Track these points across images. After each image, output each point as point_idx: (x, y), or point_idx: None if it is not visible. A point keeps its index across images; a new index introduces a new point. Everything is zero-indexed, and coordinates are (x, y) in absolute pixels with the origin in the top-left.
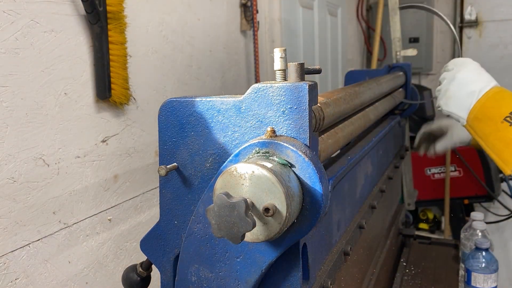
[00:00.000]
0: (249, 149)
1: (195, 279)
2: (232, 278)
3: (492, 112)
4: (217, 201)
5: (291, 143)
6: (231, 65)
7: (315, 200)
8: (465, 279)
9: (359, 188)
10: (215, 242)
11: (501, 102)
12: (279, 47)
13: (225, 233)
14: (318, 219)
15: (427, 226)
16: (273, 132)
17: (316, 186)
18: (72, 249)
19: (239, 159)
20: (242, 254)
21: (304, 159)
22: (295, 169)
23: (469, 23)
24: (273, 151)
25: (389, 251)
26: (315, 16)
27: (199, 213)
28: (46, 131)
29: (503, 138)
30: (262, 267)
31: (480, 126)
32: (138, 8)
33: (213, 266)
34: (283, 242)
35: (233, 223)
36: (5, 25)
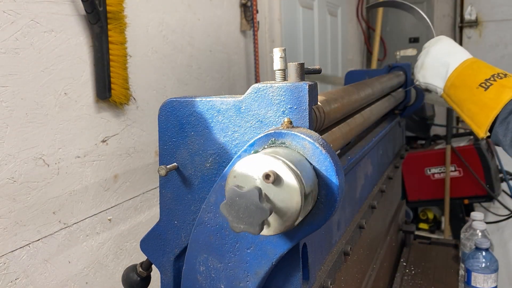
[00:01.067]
0: (264, 139)
1: (203, 269)
2: (241, 269)
3: (468, 79)
4: (229, 195)
5: (309, 134)
6: (231, 65)
7: (331, 193)
8: (465, 279)
9: (359, 188)
10: (226, 233)
11: (477, 71)
12: (279, 47)
13: (244, 225)
14: (333, 212)
15: (427, 226)
16: (290, 123)
17: (333, 179)
18: (72, 249)
19: (253, 149)
20: (253, 246)
21: (322, 152)
22: (311, 161)
23: (469, 23)
24: (290, 142)
25: (389, 250)
26: (315, 16)
27: (210, 202)
28: (46, 131)
29: (477, 102)
30: (272, 259)
31: (457, 93)
32: (138, 8)
33: (223, 257)
34: (296, 234)
35: (250, 214)
36: (5, 25)
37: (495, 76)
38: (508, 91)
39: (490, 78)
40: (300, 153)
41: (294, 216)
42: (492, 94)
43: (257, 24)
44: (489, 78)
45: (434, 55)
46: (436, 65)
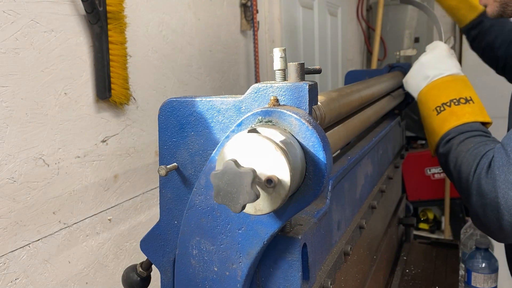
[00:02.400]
0: (251, 118)
1: (196, 252)
2: (233, 250)
3: (430, 100)
4: (225, 167)
5: (294, 111)
6: (231, 65)
7: (318, 169)
8: (465, 279)
9: (359, 188)
10: (217, 214)
11: (443, 91)
12: (279, 47)
13: (226, 199)
14: (321, 188)
15: (427, 226)
16: (276, 101)
17: (320, 155)
18: (72, 249)
19: (241, 129)
20: (244, 226)
21: (308, 127)
22: (298, 138)
23: None
24: (276, 119)
25: (389, 247)
26: (315, 16)
27: (200, 185)
28: (46, 131)
29: (430, 124)
30: (264, 238)
31: (421, 109)
32: (138, 8)
33: (215, 239)
34: (286, 212)
35: (237, 193)
36: (5, 25)
37: (452, 102)
38: (453, 119)
39: (447, 103)
40: (287, 130)
41: (283, 194)
42: (439, 121)
43: (257, 24)
44: (446, 102)
45: (420, 65)
46: (418, 77)
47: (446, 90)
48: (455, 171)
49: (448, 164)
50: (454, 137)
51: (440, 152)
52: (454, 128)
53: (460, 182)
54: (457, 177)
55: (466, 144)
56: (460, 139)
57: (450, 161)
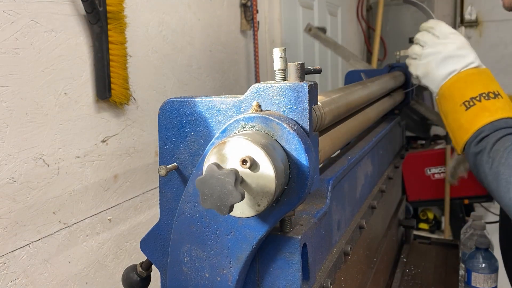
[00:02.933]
0: (235, 124)
1: (187, 259)
2: (223, 256)
3: (456, 94)
4: (208, 171)
5: (276, 116)
6: (231, 65)
7: (302, 172)
8: (465, 279)
9: (359, 188)
10: (206, 221)
11: (469, 86)
12: (279, 47)
13: (213, 204)
14: (305, 191)
15: (427, 226)
16: (258, 107)
17: (302, 158)
18: (72, 249)
19: (226, 135)
20: (233, 231)
21: (289, 131)
22: (281, 142)
23: (469, 23)
24: (259, 124)
25: (389, 248)
26: (315, 16)
27: (188, 192)
28: (46, 131)
29: (457, 120)
30: (252, 243)
31: (444, 104)
32: (138, 8)
33: (205, 245)
34: (272, 215)
35: (222, 194)
36: (5, 25)
37: (482, 96)
38: (486, 115)
39: (476, 97)
40: (270, 134)
41: (269, 197)
42: (469, 117)
43: (257, 24)
44: (476, 97)
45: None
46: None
47: (473, 83)
48: (491, 172)
49: (482, 165)
50: (489, 134)
51: (471, 151)
52: (488, 125)
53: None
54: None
55: (504, 141)
56: (496, 136)
57: (485, 161)
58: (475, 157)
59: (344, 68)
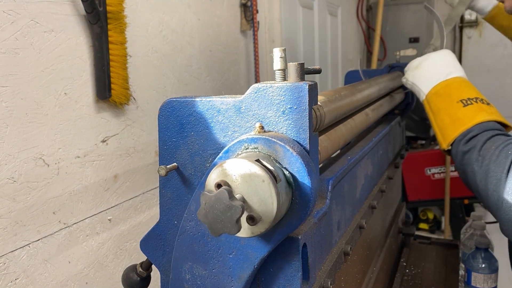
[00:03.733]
0: (238, 145)
1: (189, 277)
2: (225, 275)
3: (452, 92)
4: (202, 201)
5: (279, 138)
6: (231, 65)
7: (304, 194)
8: (465, 279)
9: (359, 188)
10: (208, 240)
11: (465, 89)
12: (279, 47)
13: (222, 227)
14: (308, 212)
15: (427, 226)
16: (261, 128)
17: (305, 181)
18: (72, 249)
19: (229, 156)
20: (235, 250)
21: (292, 154)
22: (284, 164)
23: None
24: (262, 146)
25: (389, 251)
26: (315, 16)
27: (191, 210)
28: (46, 131)
29: (452, 115)
30: (254, 262)
31: (437, 101)
32: (138, 8)
33: (207, 263)
34: (274, 236)
35: (224, 215)
36: (5, 25)
37: (478, 99)
38: (484, 114)
39: (473, 99)
40: (272, 156)
41: (270, 218)
42: (468, 112)
43: (257, 24)
44: (472, 98)
45: (433, 61)
46: (431, 71)
47: (469, 88)
48: (481, 170)
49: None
50: (478, 134)
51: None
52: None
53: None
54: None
55: (495, 140)
56: (486, 135)
57: (475, 159)
58: (463, 156)
59: (344, 68)
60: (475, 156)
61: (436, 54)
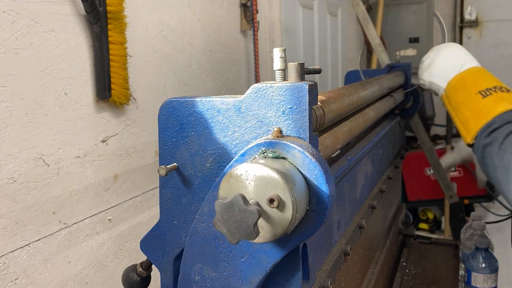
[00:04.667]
0: (255, 149)
1: (199, 279)
2: (236, 278)
3: (470, 85)
4: (217, 209)
5: (298, 143)
6: (231, 65)
7: (322, 201)
8: (465, 279)
9: (359, 188)
10: (219, 242)
11: (482, 79)
12: (279, 47)
13: (239, 234)
14: (324, 220)
15: (427, 226)
16: (279, 132)
17: (323, 187)
18: (72, 249)
19: (245, 159)
20: (247, 254)
21: (311, 160)
22: (302, 170)
23: (469, 23)
24: (280, 151)
25: (389, 251)
26: (315, 16)
27: (203, 212)
28: (46, 131)
29: (472, 108)
30: (266, 267)
31: (455, 95)
32: (138, 8)
33: (217, 266)
34: (289, 242)
35: (240, 221)
36: (5, 25)
37: (497, 88)
38: (505, 103)
39: (492, 88)
40: (291, 162)
41: (286, 225)
42: (488, 103)
43: (257, 24)
44: (491, 88)
45: (445, 56)
46: (445, 66)
47: (485, 77)
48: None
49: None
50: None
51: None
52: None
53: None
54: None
55: None
56: (509, 129)
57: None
58: (484, 149)
59: (344, 68)
60: (496, 149)
61: (446, 49)
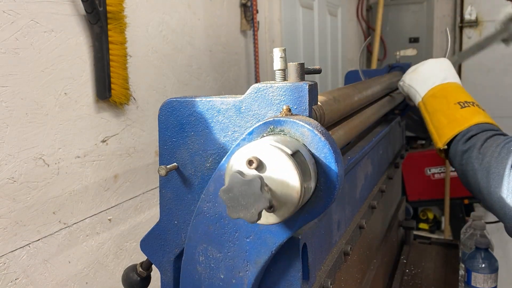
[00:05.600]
0: (263, 127)
1: (203, 259)
2: (240, 259)
3: (450, 95)
4: (231, 180)
5: (307, 122)
6: (231, 65)
7: (330, 180)
8: (465, 279)
9: (359, 188)
10: (225, 222)
11: (460, 92)
12: (279, 47)
13: (241, 213)
14: (332, 200)
15: (427, 226)
16: (289, 111)
17: (332, 166)
18: (72, 249)
19: (253, 137)
20: (252, 234)
21: (321, 139)
22: (310, 148)
23: (469, 23)
24: (288, 129)
25: (389, 249)
26: (315, 16)
27: (209, 191)
28: (46, 131)
29: (449, 116)
30: (272, 248)
31: (434, 102)
32: (138, 8)
33: (222, 246)
34: (296, 223)
35: (249, 201)
36: (5, 25)
37: (475, 104)
38: (481, 117)
39: (470, 102)
40: (299, 140)
41: (293, 204)
42: (465, 113)
43: (257, 24)
44: (469, 102)
45: (430, 66)
46: (427, 74)
47: (464, 93)
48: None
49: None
50: (477, 133)
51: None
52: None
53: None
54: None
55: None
56: (486, 135)
57: (475, 157)
58: (463, 155)
59: (344, 68)
60: (475, 154)
61: (434, 60)
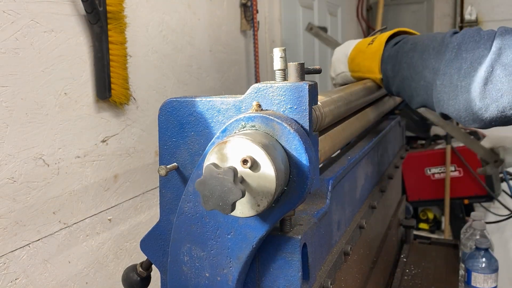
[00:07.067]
0: (235, 124)
1: (188, 259)
2: (223, 256)
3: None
4: (206, 172)
5: (277, 116)
6: (231, 65)
7: (302, 172)
8: (465, 279)
9: (359, 188)
10: (206, 220)
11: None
12: (279, 47)
13: (215, 204)
14: (306, 191)
15: (427, 226)
16: (258, 107)
17: (302, 158)
18: (72, 249)
19: (226, 134)
20: (233, 230)
21: (290, 131)
22: (281, 141)
23: (469, 23)
24: (259, 124)
25: (389, 248)
26: (315, 16)
27: (188, 191)
28: (46, 131)
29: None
30: (252, 242)
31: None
32: (138, 8)
33: (205, 245)
34: (272, 215)
35: (223, 193)
36: (5, 25)
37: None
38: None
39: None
40: (270, 134)
41: (269, 197)
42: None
43: (257, 24)
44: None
45: (336, 51)
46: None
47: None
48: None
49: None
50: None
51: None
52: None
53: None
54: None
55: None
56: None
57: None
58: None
59: None
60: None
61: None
